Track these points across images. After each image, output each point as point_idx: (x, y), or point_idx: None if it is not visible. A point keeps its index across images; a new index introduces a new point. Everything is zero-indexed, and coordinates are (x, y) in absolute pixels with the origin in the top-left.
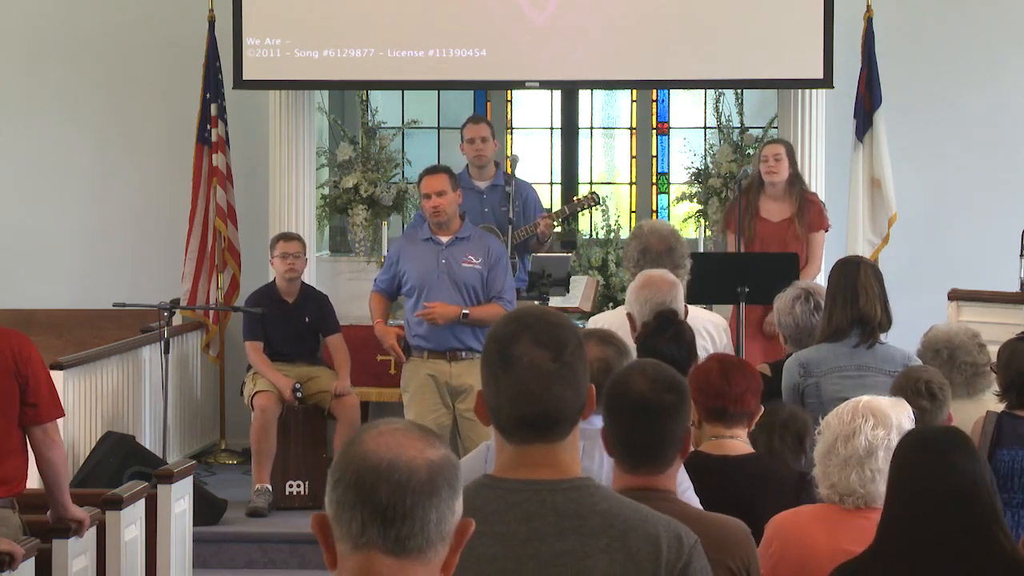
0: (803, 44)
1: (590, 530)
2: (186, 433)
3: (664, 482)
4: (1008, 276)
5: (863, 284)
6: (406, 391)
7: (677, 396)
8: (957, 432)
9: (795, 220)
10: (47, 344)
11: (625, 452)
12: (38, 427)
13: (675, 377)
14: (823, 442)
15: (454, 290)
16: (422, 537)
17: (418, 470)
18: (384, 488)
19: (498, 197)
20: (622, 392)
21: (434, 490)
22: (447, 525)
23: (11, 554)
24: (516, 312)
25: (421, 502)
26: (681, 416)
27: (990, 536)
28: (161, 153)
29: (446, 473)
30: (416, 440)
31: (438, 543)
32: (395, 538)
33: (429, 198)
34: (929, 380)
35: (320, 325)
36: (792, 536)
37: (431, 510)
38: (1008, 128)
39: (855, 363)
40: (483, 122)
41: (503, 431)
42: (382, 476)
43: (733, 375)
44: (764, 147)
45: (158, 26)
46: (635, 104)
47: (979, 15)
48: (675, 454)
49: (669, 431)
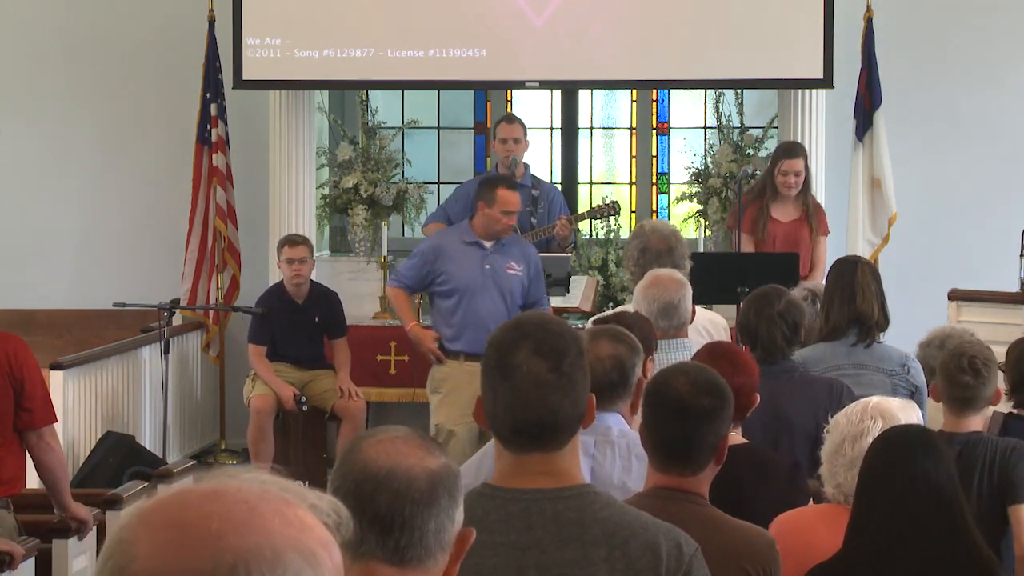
0: (803, 44)
1: (592, 539)
2: (186, 433)
3: (695, 485)
4: (1008, 276)
5: (860, 283)
6: (436, 392)
7: (716, 401)
8: (923, 431)
9: (807, 220)
10: (47, 344)
11: (658, 451)
12: (33, 432)
13: (716, 381)
14: (831, 441)
15: (498, 296)
16: (421, 547)
17: (417, 479)
18: (383, 497)
19: (524, 197)
20: (661, 391)
21: (433, 499)
22: (447, 535)
23: (11, 554)
24: (517, 319)
25: (420, 511)
26: (718, 422)
27: (957, 534)
28: (161, 153)
29: (446, 482)
30: (416, 448)
31: (437, 552)
32: (394, 547)
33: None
34: (974, 356)
35: (329, 326)
36: (796, 535)
37: (430, 519)
38: (1008, 128)
39: (853, 362)
40: (517, 122)
41: (501, 438)
42: (381, 485)
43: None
44: (783, 160)
45: (158, 26)
46: (635, 104)
47: (979, 15)
48: (708, 459)
49: (702, 435)
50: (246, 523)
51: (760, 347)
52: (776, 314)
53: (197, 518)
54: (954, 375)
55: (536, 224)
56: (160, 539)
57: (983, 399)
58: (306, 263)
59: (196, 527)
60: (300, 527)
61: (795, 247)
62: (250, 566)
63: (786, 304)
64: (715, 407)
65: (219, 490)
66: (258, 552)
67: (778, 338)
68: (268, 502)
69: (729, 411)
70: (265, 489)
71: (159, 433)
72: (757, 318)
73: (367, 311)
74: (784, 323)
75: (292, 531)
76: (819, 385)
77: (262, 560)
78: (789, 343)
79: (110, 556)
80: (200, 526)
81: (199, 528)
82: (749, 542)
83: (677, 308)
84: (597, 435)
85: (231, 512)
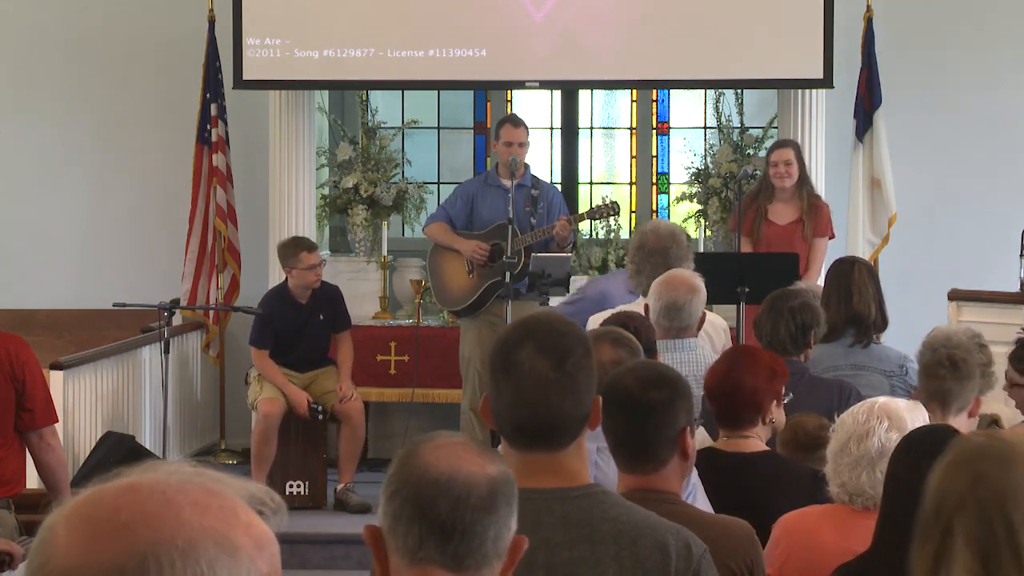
0: (803, 44)
1: (600, 538)
2: (186, 433)
3: (661, 483)
4: (1008, 276)
5: (857, 284)
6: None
7: (665, 393)
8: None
9: (803, 222)
10: (47, 344)
11: (618, 452)
12: (34, 432)
13: (666, 374)
14: (836, 440)
15: None
16: (480, 553)
17: (478, 486)
18: (443, 503)
19: (523, 197)
20: (612, 390)
21: (493, 506)
22: (503, 542)
23: (11, 554)
24: (525, 318)
25: (480, 518)
26: (671, 415)
27: None
28: (161, 153)
29: (504, 489)
30: (475, 455)
31: (494, 559)
32: (453, 554)
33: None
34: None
35: (335, 321)
36: (800, 535)
37: (490, 527)
38: (1008, 128)
39: (850, 362)
40: (522, 125)
41: (505, 436)
42: (441, 491)
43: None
44: (773, 152)
45: (158, 26)
46: (635, 104)
47: (979, 15)
48: (669, 454)
49: (656, 429)
50: (157, 514)
51: (765, 340)
52: (787, 309)
53: (110, 511)
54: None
55: (536, 224)
56: (75, 535)
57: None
58: (322, 265)
59: (109, 520)
60: (219, 516)
61: (788, 249)
62: (160, 557)
63: (800, 303)
64: (665, 400)
65: (134, 484)
66: (170, 542)
67: (782, 332)
68: (185, 493)
69: (684, 403)
70: (184, 480)
71: (159, 433)
72: (767, 312)
73: (367, 311)
74: (792, 320)
75: (209, 520)
76: (828, 387)
77: (173, 549)
78: (795, 342)
79: (34, 555)
80: (112, 519)
81: (112, 521)
82: (729, 537)
83: (681, 311)
84: (599, 441)
85: (144, 504)
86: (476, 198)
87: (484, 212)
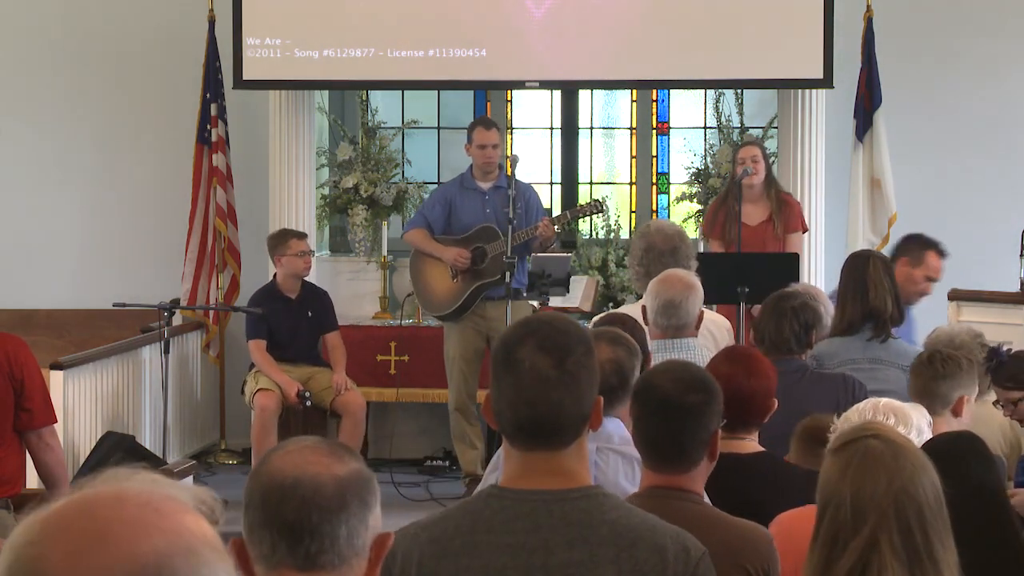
0: (803, 44)
1: (599, 540)
2: (186, 433)
3: (688, 483)
4: (1008, 276)
5: (872, 278)
6: None
7: (702, 397)
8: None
9: (773, 221)
10: (47, 344)
11: (648, 451)
12: (33, 432)
13: (702, 377)
14: None
15: None
16: (333, 552)
17: (324, 486)
18: (290, 505)
19: (500, 198)
20: (647, 391)
21: (342, 505)
22: (360, 540)
23: None
24: (527, 317)
25: (328, 518)
26: (706, 417)
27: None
28: (161, 153)
29: (355, 488)
30: (323, 456)
31: (352, 558)
32: (304, 555)
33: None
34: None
35: (321, 321)
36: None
37: (340, 525)
38: (1008, 128)
39: (868, 356)
40: (494, 127)
41: (506, 435)
42: (287, 494)
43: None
44: (739, 150)
45: (158, 26)
46: (635, 104)
47: (979, 15)
48: (700, 455)
49: (691, 432)
50: (156, 525)
51: (768, 340)
52: (789, 308)
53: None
54: (915, 367)
55: (516, 225)
56: (71, 548)
57: (943, 396)
58: (311, 255)
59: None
60: (199, 523)
61: (760, 249)
62: (175, 564)
63: (802, 303)
64: (701, 403)
65: (121, 495)
66: (176, 551)
67: (785, 330)
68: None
69: (717, 406)
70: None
71: (159, 433)
72: (770, 312)
73: (367, 311)
74: (796, 319)
75: (201, 528)
76: (832, 381)
77: (180, 558)
78: (798, 340)
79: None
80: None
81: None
82: (747, 539)
83: (678, 309)
84: (599, 441)
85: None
86: (454, 202)
87: (463, 215)
